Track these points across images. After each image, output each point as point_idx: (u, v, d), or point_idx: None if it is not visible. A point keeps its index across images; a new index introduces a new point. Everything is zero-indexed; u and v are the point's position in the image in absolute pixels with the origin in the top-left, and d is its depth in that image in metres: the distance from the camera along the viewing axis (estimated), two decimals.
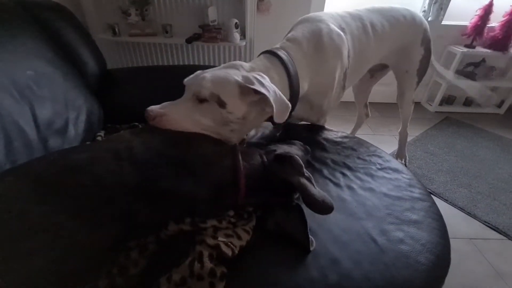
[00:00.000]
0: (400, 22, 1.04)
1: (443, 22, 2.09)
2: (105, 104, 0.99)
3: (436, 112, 2.34)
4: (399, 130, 1.51)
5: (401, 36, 1.07)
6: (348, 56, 0.90)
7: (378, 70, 1.30)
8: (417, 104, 2.46)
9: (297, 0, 1.77)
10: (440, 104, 2.34)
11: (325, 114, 1.00)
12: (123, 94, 1.06)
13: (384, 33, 1.00)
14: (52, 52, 0.84)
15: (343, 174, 0.79)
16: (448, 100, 2.38)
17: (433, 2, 1.92)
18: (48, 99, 0.76)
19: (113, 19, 1.39)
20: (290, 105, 0.64)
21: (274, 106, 0.60)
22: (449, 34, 2.15)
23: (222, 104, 0.62)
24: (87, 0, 1.32)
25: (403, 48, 1.10)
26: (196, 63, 1.80)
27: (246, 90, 0.62)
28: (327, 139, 0.94)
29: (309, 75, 0.81)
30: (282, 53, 0.75)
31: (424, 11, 2.00)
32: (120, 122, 0.98)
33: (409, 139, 1.87)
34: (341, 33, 0.86)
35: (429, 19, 1.98)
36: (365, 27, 0.95)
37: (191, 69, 0.80)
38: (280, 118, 0.63)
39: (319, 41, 0.81)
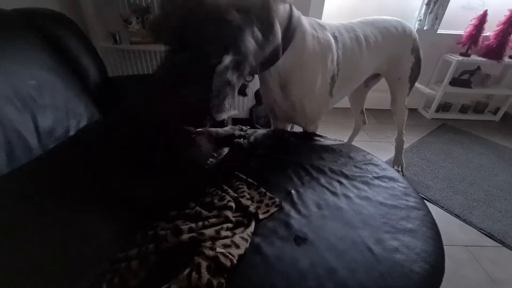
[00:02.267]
0: (392, 33, 1.09)
1: (439, 31, 2.13)
2: (105, 111, 1.00)
3: (432, 119, 2.36)
4: (395, 136, 1.53)
5: (393, 46, 1.11)
6: (338, 63, 0.92)
7: (370, 79, 1.33)
8: (414, 111, 2.49)
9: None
10: (437, 111, 2.37)
11: (312, 120, 1.01)
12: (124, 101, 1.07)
13: (377, 44, 1.04)
14: (54, 61, 0.85)
15: (340, 183, 0.80)
16: (444, 107, 2.41)
17: (429, 11, 1.95)
18: (49, 107, 0.78)
19: (114, 27, 1.40)
20: None
21: None
22: (445, 43, 2.19)
23: None
24: (89, 9, 1.34)
25: (394, 57, 1.15)
26: None
27: None
28: (324, 147, 0.95)
29: (298, 59, 0.83)
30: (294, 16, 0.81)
31: (420, 20, 2.03)
32: None
33: (405, 146, 1.89)
34: (332, 39, 0.89)
35: (424, 28, 2.02)
36: (358, 38, 0.99)
37: None
38: None
39: (315, 40, 0.85)
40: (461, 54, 2.15)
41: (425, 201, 1.35)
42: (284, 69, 0.84)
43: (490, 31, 2.07)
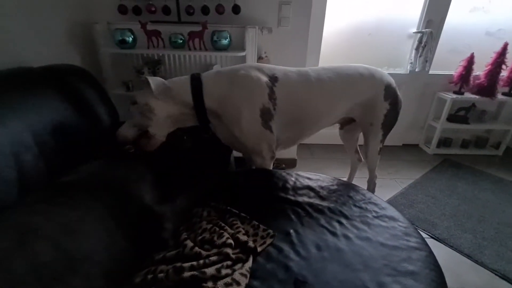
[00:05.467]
0: (356, 79, 1.13)
1: (431, 72, 2.25)
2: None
3: (434, 154, 2.38)
4: (367, 178, 1.47)
5: (360, 92, 1.15)
6: (275, 98, 1.04)
7: (346, 123, 1.39)
8: (415, 147, 2.52)
9: (294, 56, 1.95)
10: (438, 146, 2.40)
11: (255, 151, 1.08)
12: None
13: (334, 88, 1.10)
14: (74, 111, 0.94)
15: (340, 223, 0.81)
16: (445, 142, 2.44)
17: (418, 55, 2.10)
18: (63, 153, 0.84)
19: (128, 77, 1.55)
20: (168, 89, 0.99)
21: (151, 83, 0.94)
22: (438, 82, 2.30)
23: (134, 102, 1.00)
24: (107, 64, 1.51)
25: (366, 103, 1.17)
26: None
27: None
28: (323, 187, 0.97)
29: (218, 97, 1.02)
30: (196, 75, 1.04)
31: (411, 63, 2.17)
32: None
33: (409, 182, 1.90)
34: (263, 78, 1.03)
35: (416, 69, 2.15)
36: (308, 81, 1.08)
37: None
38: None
39: (233, 78, 1.03)
40: (455, 92, 2.24)
41: (432, 240, 1.32)
42: (213, 105, 1.02)
43: (479, 70, 2.19)
